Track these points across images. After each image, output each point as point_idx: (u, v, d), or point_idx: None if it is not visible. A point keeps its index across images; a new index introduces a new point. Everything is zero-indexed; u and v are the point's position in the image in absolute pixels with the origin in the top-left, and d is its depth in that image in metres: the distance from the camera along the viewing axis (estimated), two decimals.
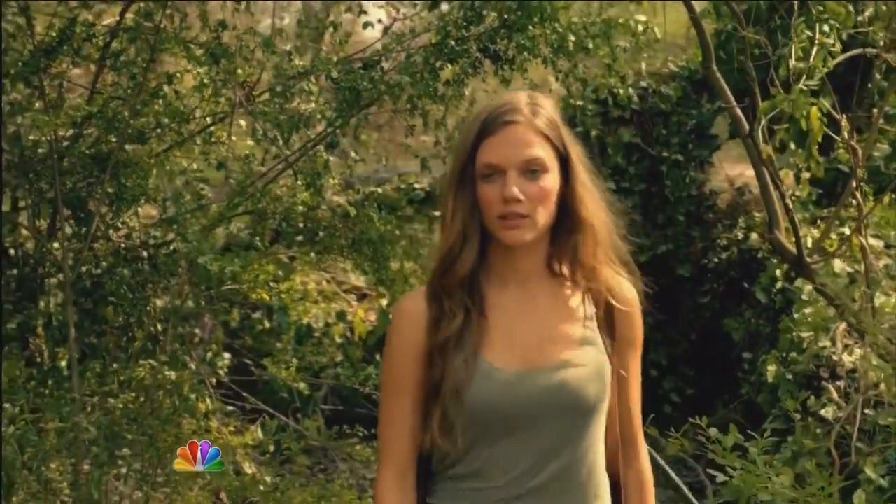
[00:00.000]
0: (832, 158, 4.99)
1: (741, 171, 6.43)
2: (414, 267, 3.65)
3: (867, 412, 3.96)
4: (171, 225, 3.50)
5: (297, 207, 3.57)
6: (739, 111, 3.66)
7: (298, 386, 4.01)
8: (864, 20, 3.52)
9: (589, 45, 3.34)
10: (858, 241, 3.51)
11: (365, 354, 5.86)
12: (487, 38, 3.42)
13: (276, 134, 3.50)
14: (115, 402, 3.03)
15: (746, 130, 3.47)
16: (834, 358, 4.63)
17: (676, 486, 4.06)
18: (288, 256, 4.40)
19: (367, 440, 4.58)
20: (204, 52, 3.50)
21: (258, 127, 3.58)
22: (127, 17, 3.50)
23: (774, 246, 3.63)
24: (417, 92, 3.35)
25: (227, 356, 5.23)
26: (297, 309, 5.26)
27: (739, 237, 5.94)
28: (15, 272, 3.71)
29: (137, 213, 3.75)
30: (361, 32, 4.56)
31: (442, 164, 3.96)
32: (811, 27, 3.15)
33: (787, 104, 3.06)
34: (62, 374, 3.43)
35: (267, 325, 5.81)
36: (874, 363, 3.92)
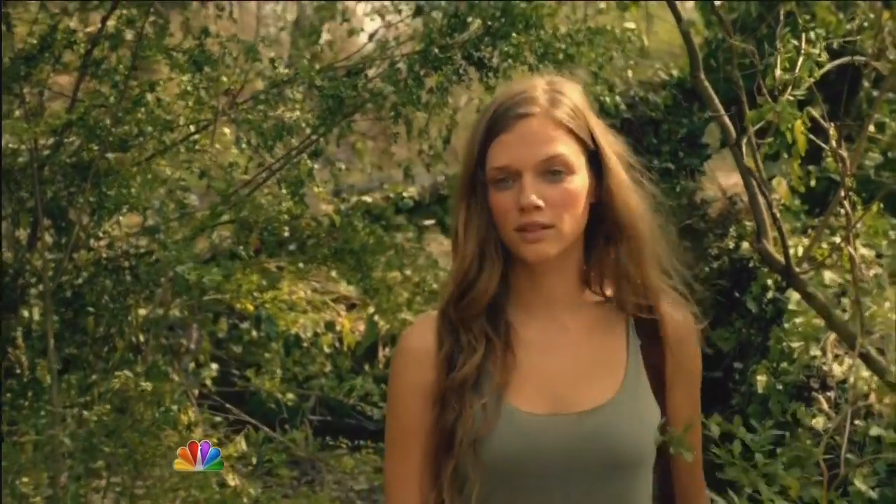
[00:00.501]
0: (822, 168, 4.97)
1: (736, 180, 6.39)
2: (398, 276, 3.62)
3: (857, 423, 3.93)
4: (152, 234, 3.46)
5: (280, 216, 3.53)
6: (727, 120, 3.62)
7: (283, 397, 3.97)
8: (853, 28, 3.50)
9: (573, 52, 3.31)
10: (847, 250, 3.48)
11: (353, 365, 5.82)
12: (472, 45, 3.39)
13: (259, 142, 3.46)
14: (88, 413, 2.98)
15: (734, 139, 3.44)
16: (824, 368, 4.60)
17: None
18: (275, 266, 4.37)
19: (353, 451, 4.54)
20: (187, 59, 3.47)
21: (241, 135, 3.56)
22: (109, 24, 3.46)
23: (762, 255, 3.59)
24: (401, 100, 3.31)
25: (214, 366, 5.20)
26: (285, 319, 5.22)
27: (730, 246, 5.91)
28: None
29: (119, 222, 3.71)
30: (358, 41, 4.54)
31: (427, 172, 3.93)
32: (797, 36, 3.11)
33: (773, 114, 3.03)
34: (42, 385, 3.39)
35: (255, 335, 5.77)
36: (863, 374, 3.89)
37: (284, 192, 3.58)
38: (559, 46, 3.42)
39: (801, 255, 4.13)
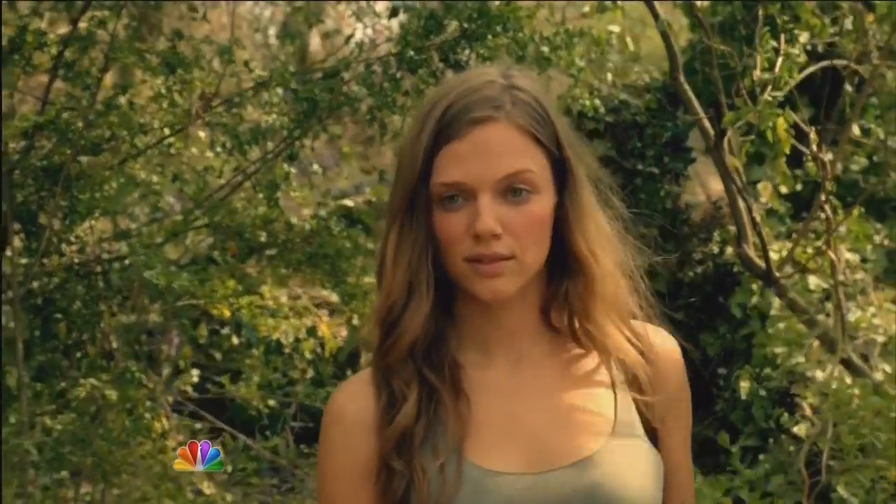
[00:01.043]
0: (806, 172, 4.94)
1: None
2: (374, 282, 3.56)
3: (840, 428, 3.89)
4: (123, 239, 3.41)
5: (255, 221, 3.49)
6: (707, 122, 3.59)
7: (258, 404, 3.92)
8: (835, 31, 3.46)
9: (551, 55, 3.27)
10: (828, 255, 3.44)
11: (336, 371, 5.76)
12: (448, 47, 3.35)
13: (233, 145, 3.42)
14: (52, 422, 2.93)
15: (713, 142, 3.40)
16: (808, 374, 4.57)
17: None
18: (251, 271, 4.32)
19: None
20: (159, 61, 3.42)
21: (216, 138, 3.51)
22: (80, 25, 3.41)
23: (743, 260, 3.56)
24: (376, 103, 3.27)
25: (195, 372, 5.14)
26: (266, 324, 5.17)
27: (715, 251, 5.88)
28: None
29: (92, 227, 3.66)
30: (347, 43, 4.47)
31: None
32: (777, 37, 3.08)
33: (752, 116, 3.00)
34: (11, 393, 3.33)
35: (236, 341, 5.71)
36: (846, 379, 3.86)
37: (260, 195, 3.54)
38: (539, 49, 3.38)
39: (783, 258, 4.11)
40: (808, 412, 4.30)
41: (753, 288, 5.40)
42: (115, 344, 3.54)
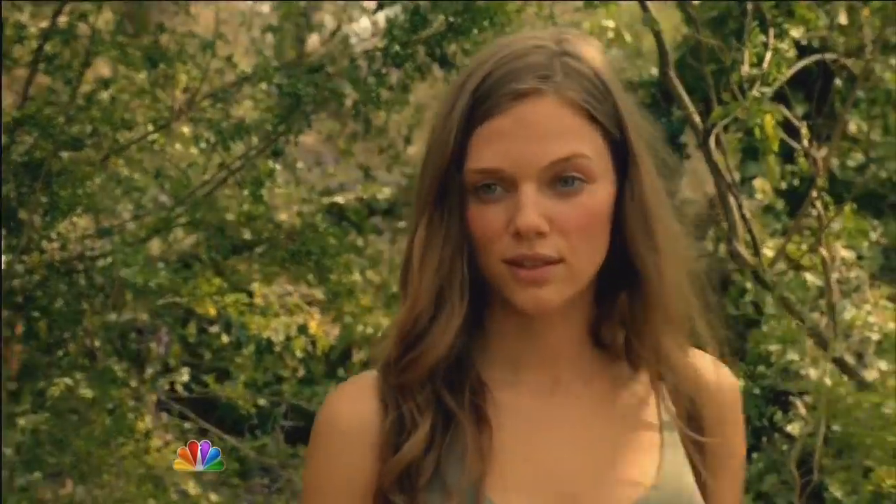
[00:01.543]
0: (799, 168, 4.90)
1: None
2: (359, 280, 3.52)
3: (835, 429, 3.86)
4: (106, 235, 3.37)
5: (239, 218, 3.45)
6: (697, 118, 3.54)
7: (244, 404, 3.88)
8: (827, 25, 3.42)
9: None
10: (820, 252, 3.40)
11: (327, 369, 5.72)
12: (435, 42, 3.30)
13: (217, 140, 3.37)
14: (26, 422, 2.88)
15: (702, 138, 3.36)
16: (801, 372, 4.53)
17: None
18: (241, 268, 4.28)
19: None
20: (142, 55, 3.38)
21: (199, 134, 3.47)
22: (60, 19, 3.37)
23: (734, 257, 3.52)
24: (361, 97, 3.23)
25: (184, 370, 5.10)
26: (256, 323, 5.13)
27: (709, 248, 5.83)
28: None
29: (74, 224, 3.61)
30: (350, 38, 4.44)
31: (387, 173, 3.83)
32: (766, 32, 3.03)
33: (740, 111, 2.95)
34: None
35: (226, 339, 5.67)
36: (841, 378, 3.82)
37: (245, 192, 3.49)
38: None
39: (774, 255, 4.07)
40: (801, 411, 4.26)
41: (748, 286, 5.36)
42: (97, 342, 3.50)
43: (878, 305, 4.69)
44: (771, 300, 4.83)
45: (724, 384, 1.18)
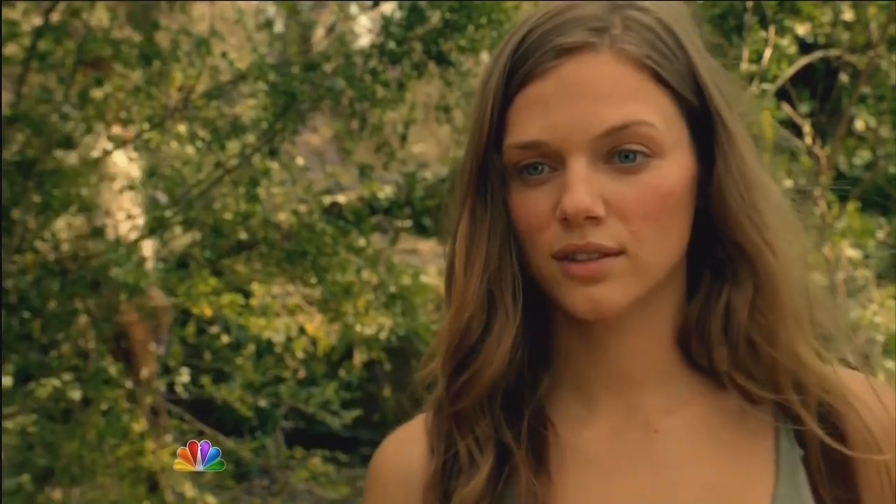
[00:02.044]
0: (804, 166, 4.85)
1: None
2: (356, 281, 3.47)
3: None
4: (98, 236, 3.33)
5: (234, 217, 3.40)
6: None
7: (241, 406, 3.83)
8: (829, 22, 3.37)
9: None
10: (823, 252, 3.35)
11: (328, 370, 5.67)
12: (431, 39, 3.26)
13: (212, 138, 3.34)
14: (13, 424, 2.84)
15: None
16: None
17: None
18: (239, 269, 4.23)
19: (327, 461, 4.43)
20: (136, 53, 3.34)
21: (195, 132, 3.43)
22: (53, 16, 3.33)
23: None
24: (357, 95, 3.18)
25: (184, 370, 5.06)
26: (255, 323, 5.09)
27: None
28: None
29: (70, 223, 3.58)
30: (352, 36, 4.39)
31: (383, 171, 3.79)
32: (766, 29, 2.98)
33: None
34: None
35: (226, 340, 5.63)
36: None
37: (241, 191, 3.45)
38: None
39: None
40: None
41: None
42: (91, 343, 3.46)
43: (883, 305, 4.63)
44: None
45: (875, 408, 0.87)
